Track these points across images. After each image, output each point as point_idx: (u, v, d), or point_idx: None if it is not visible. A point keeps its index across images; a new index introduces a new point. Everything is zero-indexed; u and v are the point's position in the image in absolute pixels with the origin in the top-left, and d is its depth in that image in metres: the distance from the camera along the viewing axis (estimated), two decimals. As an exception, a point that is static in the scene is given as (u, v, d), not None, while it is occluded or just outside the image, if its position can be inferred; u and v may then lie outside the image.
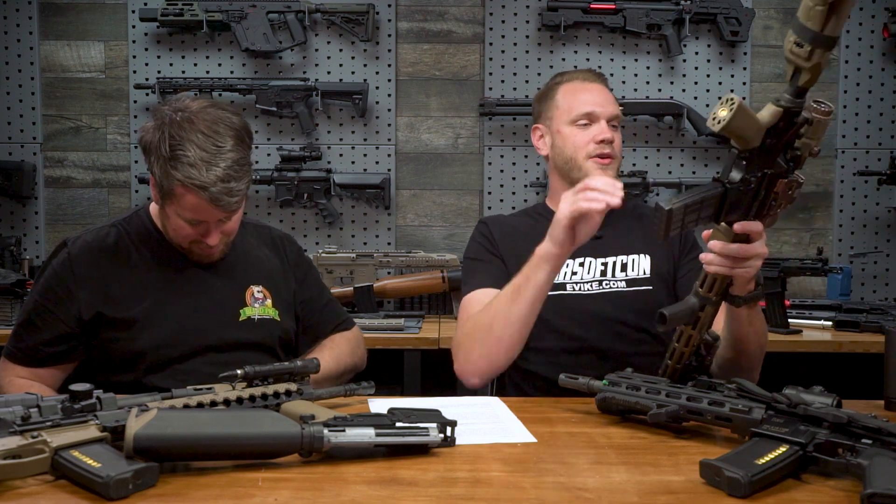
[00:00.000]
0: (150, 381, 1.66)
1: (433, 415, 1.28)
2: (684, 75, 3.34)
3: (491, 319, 1.68)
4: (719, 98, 1.53)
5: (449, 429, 1.27)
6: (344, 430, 1.19)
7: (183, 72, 3.31)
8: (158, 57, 3.32)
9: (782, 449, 1.12)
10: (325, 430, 1.18)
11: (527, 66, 3.34)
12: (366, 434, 1.20)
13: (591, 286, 1.87)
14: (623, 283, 1.87)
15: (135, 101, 3.34)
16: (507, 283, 1.69)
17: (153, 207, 1.79)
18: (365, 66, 3.34)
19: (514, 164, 3.36)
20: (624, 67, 3.33)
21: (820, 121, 1.33)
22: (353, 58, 3.34)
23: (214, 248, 1.72)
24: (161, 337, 1.69)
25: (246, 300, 1.79)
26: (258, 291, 1.80)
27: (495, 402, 1.59)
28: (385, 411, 1.28)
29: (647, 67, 3.34)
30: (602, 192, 1.53)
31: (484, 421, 1.44)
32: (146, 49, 3.32)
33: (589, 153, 1.86)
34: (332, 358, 1.83)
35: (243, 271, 1.82)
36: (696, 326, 1.46)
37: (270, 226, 2.00)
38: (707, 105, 3.31)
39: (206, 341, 1.72)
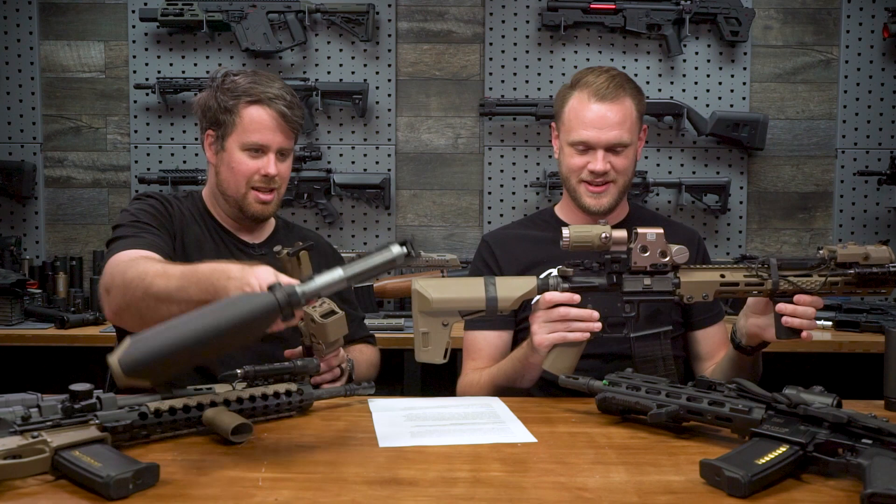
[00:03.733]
0: None
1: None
2: (684, 75, 3.34)
3: (499, 392, 1.72)
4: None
5: (408, 243, 1.24)
6: (314, 280, 1.20)
7: (183, 72, 3.31)
8: (158, 57, 3.32)
9: (782, 449, 1.12)
10: (297, 287, 1.18)
11: (527, 66, 3.34)
12: (335, 275, 1.21)
13: None
14: None
15: (135, 101, 3.34)
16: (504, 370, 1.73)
17: (205, 191, 1.89)
18: (365, 66, 3.34)
19: (514, 164, 3.36)
20: (624, 67, 3.32)
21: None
22: (353, 58, 3.34)
23: (272, 193, 1.81)
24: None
25: None
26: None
27: (495, 402, 1.59)
28: (385, 410, 1.27)
29: (647, 67, 3.34)
30: (581, 320, 1.53)
31: (484, 421, 1.44)
32: (146, 49, 3.32)
33: (581, 178, 1.81)
34: (364, 361, 1.91)
35: (272, 265, 1.83)
36: None
37: (314, 233, 2.08)
38: (707, 105, 3.32)
39: None
